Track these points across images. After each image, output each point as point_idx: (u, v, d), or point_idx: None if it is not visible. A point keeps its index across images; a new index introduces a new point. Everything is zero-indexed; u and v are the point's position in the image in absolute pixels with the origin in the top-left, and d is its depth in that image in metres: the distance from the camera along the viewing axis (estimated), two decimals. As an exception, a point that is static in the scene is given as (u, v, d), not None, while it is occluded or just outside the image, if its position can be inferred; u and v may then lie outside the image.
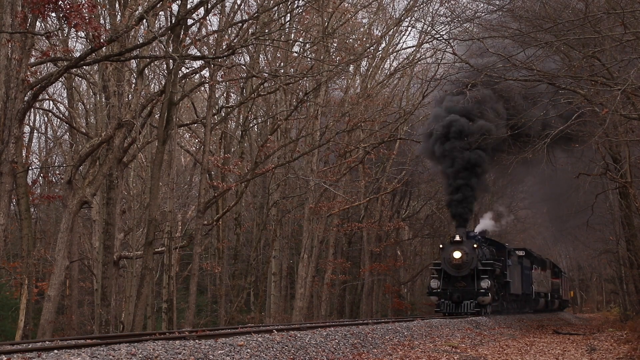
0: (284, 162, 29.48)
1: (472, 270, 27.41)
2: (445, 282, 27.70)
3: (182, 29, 21.30)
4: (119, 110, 19.94)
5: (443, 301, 27.57)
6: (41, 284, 27.97)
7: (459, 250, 27.40)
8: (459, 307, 27.30)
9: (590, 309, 79.71)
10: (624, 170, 21.63)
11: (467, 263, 27.33)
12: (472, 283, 27.40)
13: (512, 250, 33.35)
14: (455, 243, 27.75)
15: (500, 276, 30.42)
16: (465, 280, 27.44)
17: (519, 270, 34.30)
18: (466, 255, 27.31)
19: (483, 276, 27.54)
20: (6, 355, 9.45)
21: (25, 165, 24.96)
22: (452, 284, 27.56)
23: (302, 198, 32.15)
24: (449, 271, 27.57)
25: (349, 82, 31.21)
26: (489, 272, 28.05)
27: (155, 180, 21.70)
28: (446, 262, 27.65)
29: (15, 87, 15.90)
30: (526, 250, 37.52)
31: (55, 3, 14.95)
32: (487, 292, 27.31)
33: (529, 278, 36.61)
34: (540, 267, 40.26)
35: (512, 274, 32.21)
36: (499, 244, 32.90)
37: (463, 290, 27.38)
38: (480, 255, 28.28)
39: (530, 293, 37.04)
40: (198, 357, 10.96)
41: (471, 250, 27.54)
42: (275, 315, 32.72)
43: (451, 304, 27.44)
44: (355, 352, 14.68)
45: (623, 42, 15.23)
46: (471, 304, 27.20)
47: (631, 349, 17.07)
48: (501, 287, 30.77)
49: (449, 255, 27.63)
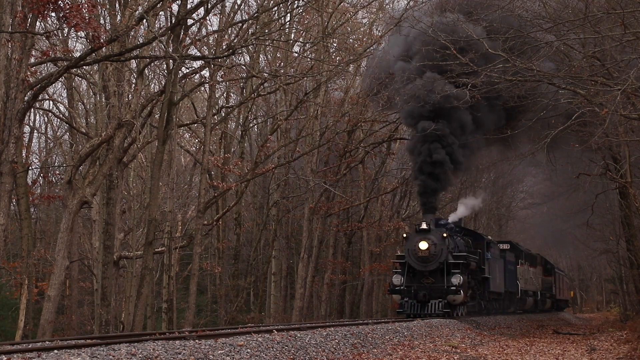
0: (284, 162, 29.50)
1: (441, 263, 23.60)
2: (409, 278, 23.87)
3: (182, 29, 21.32)
4: (119, 110, 19.94)
5: (407, 300, 23.65)
6: (41, 284, 27.94)
7: (425, 240, 23.46)
8: (425, 308, 23.46)
9: (590, 309, 79.79)
10: (624, 170, 21.64)
11: (435, 255, 23.49)
12: (442, 279, 23.55)
13: (492, 242, 29.65)
14: (422, 232, 23.73)
15: (477, 271, 26.62)
16: (434, 276, 23.65)
17: (501, 265, 30.58)
18: (434, 246, 23.44)
19: (454, 271, 23.73)
20: (6, 355, 9.44)
21: (25, 165, 24.97)
22: (417, 280, 23.79)
23: (302, 198, 32.15)
24: (414, 265, 23.78)
25: (349, 82, 31.17)
26: (462, 266, 24.19)
27: (155, 180, 21.71)
28: (411, 255, 23.74)
29: (15, 87, 15.90)
30: (511, 244, 34.43)
31: (55, 3, 14.95)
32: (458, 290, 23.38)
33: (513, 274, 32.96)
34: (528, 263, 37.09)
35: (493, 269, 28.49)
36: (477, 234, 29.22)
37: (430, 287, 23.57)
38: (451, 246, 24.34)
39: (515, 291, 33.49)
40: (198, 357, 10.96)
41: (440, 241, 23.64)
42: (275, 315, 32.74)
43: (416, 304, 23.55)
44: (355, 352, 14.68)
45: (623, 42, 15.23)
46: (440, 303, 23.35)
47: (631, 349, 17.07)
48: (478, 284, 27.09)
49: (414, 246, 23.68)
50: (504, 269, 30.93)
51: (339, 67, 27.04)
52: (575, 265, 74.11)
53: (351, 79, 30.94)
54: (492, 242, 29.39)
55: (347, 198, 32.00)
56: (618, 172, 22.58)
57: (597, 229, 36.41)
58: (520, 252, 35.35)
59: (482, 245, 27.66)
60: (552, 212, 44.67)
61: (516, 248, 34.67)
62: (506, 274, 31.23)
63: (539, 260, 41.07)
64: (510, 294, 32.80)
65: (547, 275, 43.40)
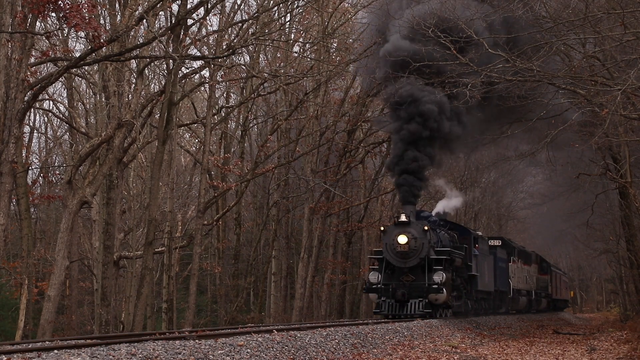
0: (284, 162, 29.50)
1: (422, 259, 21.68)
2: (387, 276, 21.98)
3: (182, 29, 21.34)
4: (119, 110, 19.95)
5: (384, 300, 21.69)
6: (41, 284, 27.94)
7: (404, 234, 21.53)
8: (404, 308, 21.57)
9: (590, 309, 79.85)
10: (624, 170, 21.63)
11: (416, 250, 21.57)
12: (423, 276, 21.64)
13: (481, 237, 27.62)
14: (401, 225, 21.74)
15: (463, 268, 24.66)
16: (414, 273, 21.71)
17: (491, 263, 28.57)
18: (414, 241, 21.55)
19: (437, 267, 21.87)
20: (6, 355, 9.44)
21: (25, 165, 24.99)
22: (396, 277, 21.86)
23: (302, 198, 32.16)
24: (392, 261, 21.86)
25: (349, 82, 31.18)
26: (446, 262, 22.40)
27: (155, 180, 21.73)
28: (389, 250, 21.83)
29: (15, 87, 15.91)
30: (503, 240, 32.50)
31: (55, 3, 14.96)
32: (441, 288, 21.52)
33: (505, 272, 30.98)
34: (521, 260, 35.09)
35: (481, 267, 26.49)
36: (464, 228, 27.20)
37: (410, 285, 21.63)
38: (433, 240, 22.49)
39: (507, 290, 31.40)
40: (198, 357, 10.96)
41: (421, 234, 21.71)
42: (275, 315, 32.74)
43: (394, 304, 21.63)
44: (355, 352, 14.68)
45: (623, 42, 15.23)
46: (420, 303, 21.46)
47: (631, 349, 17.07)
48: (464, 283, 25.15)
49: (392, 240, 21.76)
50: (494, 266, 29.06)
51: (339, 67, 27.05)
52: (575, 265, 74.15)
53: (351, 79, 30.94)
54: (480, 237, 27.59)
55: (347, 198, 31.99)
56: (618, 172, 22.57)
57: (597, 229, 36.40)
58: (512, 248, 33.55)
59: (469, 240, 25.74)
60: (552, 212, 44.65)
61: (508, 244, 33.05)
62: (496, 271, 29.33)
63: (534, 258, 39.33)
64: (501, 294, 30.95)
65: (543, 273, 41.60)
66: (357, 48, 27.77)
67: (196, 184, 34.41)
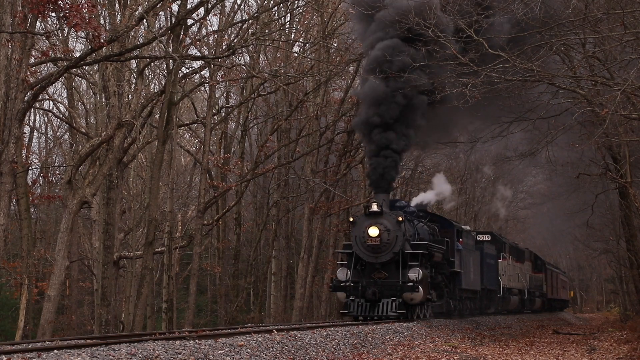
0: (284, 162, 29.50)
1: (395, 254, 19.33)
2: (357, 273, 19.72)
3: (182, 29, 21.35)
4: (119, 110, 19.95)
5: (353, 299, 19.34)
6: (41, 284, 27.92)
7: (376, 225, 19.22)
8: (376, 309, 19.27)
9: (590, 309, 79.92)
10: (624, 170, 21.63)
11: (389, 244, 19.27)
12: (396, 273, 19.31)
13: (465, 231, 25.31)
14: (372, 215, 19.42)
15: (443, 264, 22.31)
16: (387, 269, 19.45)
17: (477, 259, 26.22)
18: (387, 233, 19.22)
19: (412, 263, 19.54)
20: (6, 355, 9.45)
21: (25, 165, 24.97)
22: (367, 274, 19.63)
23: (302, 198, 32.15)
24: (362, 256, 19.58)
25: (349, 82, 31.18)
26: (423, 257, 20.04)
27: (155, 180, 21.74)
28: (359, 243, 19.53)
29: (15, 87, 15.91)
30: (493, 234, 30.67)
31: (55, 3, 14.96)
32: (416, 286, 19.12)
33: (493, 269, 28.77)
34: (513, 257, 33.01)
35: (465, 263, 24.18)
36: (446, 220, 24.53)
37: (382, 283, 19.31)
38: (409, 233, 20.12)
39: (496, 289, 29.19)
40: (198, 357, 10.96)
41: (394, 226, 19.31)
42: (275, 315, 32.73)
43: (364, 304, 19.31)
44: (355, 352, 14.68)
45: (623, 42, 15.23)
46: (393, 303, 19.12)
47: (631, 349, 17.07)
48: (446, 280, 22.90)
49: (362, 232, 19.44)
50: (481, 263, 26.77)
51: (339, 67, 27.05)
52: (575, 265, 74.19)
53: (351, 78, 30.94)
54: (465, 230, 25.23)
55: (347, 198, 31.98)
56: (618, 172, 22.55)
57: (597, 229, 36.37)
58: (502, 244, 31.27)
59: (451, 233, 23.22)
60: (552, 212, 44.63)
61: (498, 240, 30.86)
62: (484, 268, 27.04)
63: (527, 255, 37.27)
64: (489, 292, 28.62)
65: (537, 271, 39.51)
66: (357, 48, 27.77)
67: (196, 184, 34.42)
